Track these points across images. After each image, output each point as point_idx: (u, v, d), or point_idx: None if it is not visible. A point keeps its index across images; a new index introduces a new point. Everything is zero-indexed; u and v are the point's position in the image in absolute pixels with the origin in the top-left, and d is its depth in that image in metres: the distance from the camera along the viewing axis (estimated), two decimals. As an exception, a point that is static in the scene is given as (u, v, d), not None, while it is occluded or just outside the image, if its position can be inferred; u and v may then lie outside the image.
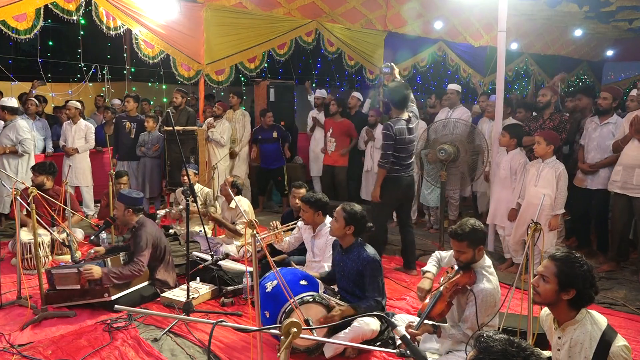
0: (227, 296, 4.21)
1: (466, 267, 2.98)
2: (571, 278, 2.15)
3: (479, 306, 2.84)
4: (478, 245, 2.96)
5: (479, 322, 2.85)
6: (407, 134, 4.67)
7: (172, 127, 5.19)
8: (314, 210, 4.01)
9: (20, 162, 6.09)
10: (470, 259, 2.96)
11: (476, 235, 2.93)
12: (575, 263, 2.17)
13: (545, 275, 2.21)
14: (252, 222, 2.59)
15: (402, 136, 4.62)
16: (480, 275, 2.95)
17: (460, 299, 3.02)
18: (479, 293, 2.86)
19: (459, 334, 2.94)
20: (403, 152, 4.68)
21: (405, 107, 4.72)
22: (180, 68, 6.77)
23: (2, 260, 5.13)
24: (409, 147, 4.73)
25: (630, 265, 5.03)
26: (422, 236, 6.31)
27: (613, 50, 13.05)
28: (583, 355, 2.14)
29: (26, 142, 6.03)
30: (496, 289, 2.94)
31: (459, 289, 2.93)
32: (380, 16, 8.68)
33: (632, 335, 3.63)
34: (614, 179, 4.77)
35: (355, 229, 3.43)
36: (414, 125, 4.76)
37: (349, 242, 3.48)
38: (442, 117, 6.50)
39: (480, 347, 1.58)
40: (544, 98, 5.40)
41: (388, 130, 4.59)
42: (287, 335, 1.48)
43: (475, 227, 2.94)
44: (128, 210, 4.21)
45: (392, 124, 4.60)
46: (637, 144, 4.56)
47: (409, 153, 4.75)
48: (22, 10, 5.34)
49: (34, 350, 3.31)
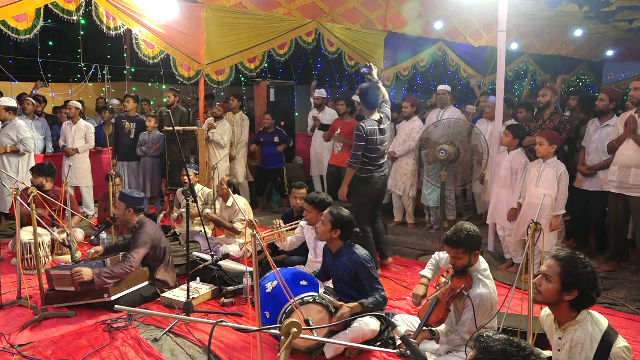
0: (227, 296, 4.21)
1: (462, 272, 2.99)
2: (574, 279, 2.15)
3: (475, 311, 2.85)
4: (474, 251, 2.95)
5: (477, 326, 2.85)
6: (379, 134, 4.70)
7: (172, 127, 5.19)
8: (318, 210, 4.01)
9: (20, 161, 6.10)
10: (466, 264, 2.97)
11: (471, 240, 2.92)
12: (580, 264, 2.17)
13: (548, 275, 2.21)
14: (252, 221, 2.59)
15: (373, 136, 4.64)
16: (476, 280, 2.95)
17: (457, 304, 3.03)
18: (475, 299, 2.87)
19: (457, 339, 2.95)
20: (374, 152, 4.70)
21: (377, 107, 4.76)
22: (180, 68, 6.77)
23: (2, 260, 5.13)
24: (381, 148, 4.75)
25: (630, 265, 5.03)
26: (422, 236, 6.32)
27: (613, 50, 13.05)
28: (584, 356, 2.14)
29: (27, 141, 6.05)
30: (492, 293, 2.94)
31: (456, 293, 2.93)
32: (380, 16, 8.68)
33: (632, 335, 3.63)
34: (610, 178, 4.77)
35: (341, 232, 3.43)
36: (385, 126, 4.80)
37: (336, 246, 3.49)
38: (432, 117, 6.53)
39: (480, 347, 1.58)
40: (544, 98, 5.40)
41: (359, 131, 4.59)
42: (287, 335, 1.48)
43: (470, 233, 2.92)
44: (129, 210, 4.21)
45: (363, 124, 4.62)
46: (632, 144, 4.57)
47: (381, 153, 4.78)
48: (22, 10, 5.33)
49: (34, 350, 3.31)
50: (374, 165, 4.73)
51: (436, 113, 6.58)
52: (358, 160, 4.65)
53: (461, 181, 5.69)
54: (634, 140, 4.54)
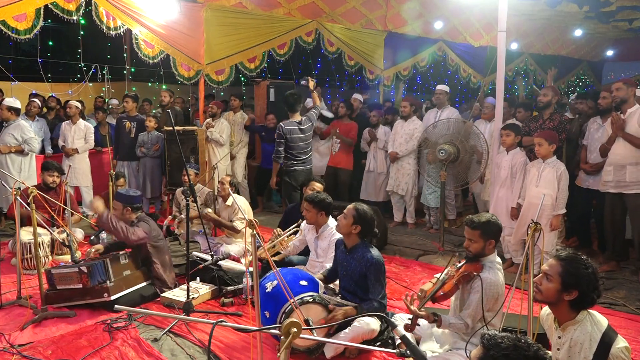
0: (227, 296, 4.21)
1: (474, 259, 2.99)
2: (575, 279, 2.14)
3: (484, 292, 2.84)
4: (489, 238, 2.98)
5: (484, 310, 2.85)
6: (299, 133, 5.72)
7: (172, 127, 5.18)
8: (317, 210, 4.02)
9: (23, 161, 6.12)
10: (479, 250, 2.98)
11: (490, 227, 2.97)
12: (581, 265, 2.16)
13: (549, 274, 2.21)
14: (252, 221, 2.59)
15: (292, 135, 5.66)
16: (487, 267, 2.96)
17: (465, 287, 3.02)
18: (485, 279, 2.87)
19: (459, 323, 2.93)
20: (295, 149, 5.71)
21: (296, 111, 5.82)
22: (180, 68, 6.77)
23: (2, 260, 5.13)
24: (301, 145, 5.75)
25: (630, 265, 5.03)
26: (422, 236, 6.32)
27: (613, 50, 13.06)
28: (582, 356, 2.14)
29: (32, 141, 6.10)
30: (501, 282, 2.95)
31: (466, 275, 2.93)
32: (380, 16, 8.68)
33: (632, 335, 3.63)
34: (606, 179, 4.76)
35: (361, 229, 3.42)
36: (306, 127, 5.79)
37: (353, 241, 3.46)
38: (430, 117, 6.53)
39: (488, 344, 1.57)
40: (544, 98, 5.39)
41: (279, 131, 5.66)
42: (287, 335, 1.48)
43: (490, 220, 2.99)
44: (127, 209, 4.22)
45: (283, 125, 5.67)
46: (623, 142, 4.58)
47: (302, 150, 5.76)
48: (22, 10, 5.33)
49: (34, 350, 3.31)
50: (296, 159, 5.74)
51: (434, 113, 6.58)
52: (279, 156, 5.69)
53: (461, 181, 5.69)
54: (624, 138, 4.55)
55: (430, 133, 5.74)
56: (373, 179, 7.06)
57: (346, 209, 3.47)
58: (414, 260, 5.41)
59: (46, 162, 5.67)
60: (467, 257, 3.02)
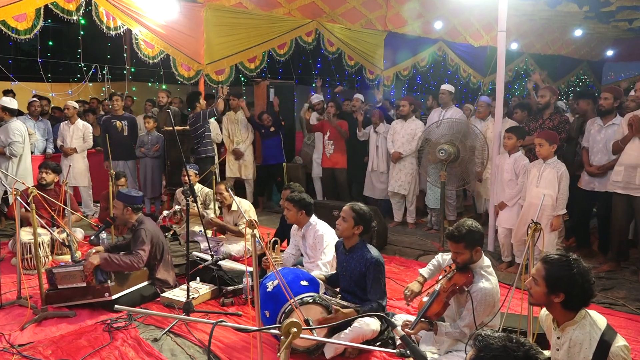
0: (227, 296, 4.21)
1: (464, 268, 2.98)
2: (559, 282, 2.13)
3: (475, 307, 2.85)
4: (475, 247, 2.95)
5: (476, 322, 2.85)
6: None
7: (172, 127, 5.20)
8: (297, 209, 4.05)
9: (10, 164, 6.02)
10: (467, 259, 2.96)
11: (473, 236, 2.93)
12: (565, 267, 2.13)
13: (536, 278, 2.21)
14: (252, 221, 2.58)
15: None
16: (478, 275, 2.95)
17: (459, 298, 3.02)
18: (476, 293, 2.87)
19: (456, 332, 2.94)
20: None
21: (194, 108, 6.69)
22: (180, 68, 6.77)
23: (2, 260, 5.13)
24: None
25: (630, 265, 5.03)
26: (422, 236, 6.32)
27: (613, 50, 13.06)
28: (582, 356, 2.14)
29: (14, 145, 5.93)
30: (495, 288, 2.94)
31: (457, 289, 2.93)
32: (380, 16, 8.68)
33: (632, 335, 3.63)
34: (615, 179, 4.71)
35: (363, 229, 3.42)
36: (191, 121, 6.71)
37: (353, 242, 3.46)
38: (434, 117, 6.51)
39: (480, 345, 1.58)
40: (543, 99, 5.39)
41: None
42: (287, 335, 1.49)
43: (472, 229, 2.93)
44: (127, 209, 4.22)
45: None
46: (638, 144, 4.54)
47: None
48: (22, 10, 5.33)
49: (34, 350, 3.30)
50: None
51: (438, 112, 6.56)
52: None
53: (461, 181, 5.70)
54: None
55: (431, 132, 5.74)
56: (376, 178, 7.06)
57: (342, 211, 3.45)
58: (414, 260, 5.41)
59: (44, 162, 5.65)
60: (457, 267, 3.01)
